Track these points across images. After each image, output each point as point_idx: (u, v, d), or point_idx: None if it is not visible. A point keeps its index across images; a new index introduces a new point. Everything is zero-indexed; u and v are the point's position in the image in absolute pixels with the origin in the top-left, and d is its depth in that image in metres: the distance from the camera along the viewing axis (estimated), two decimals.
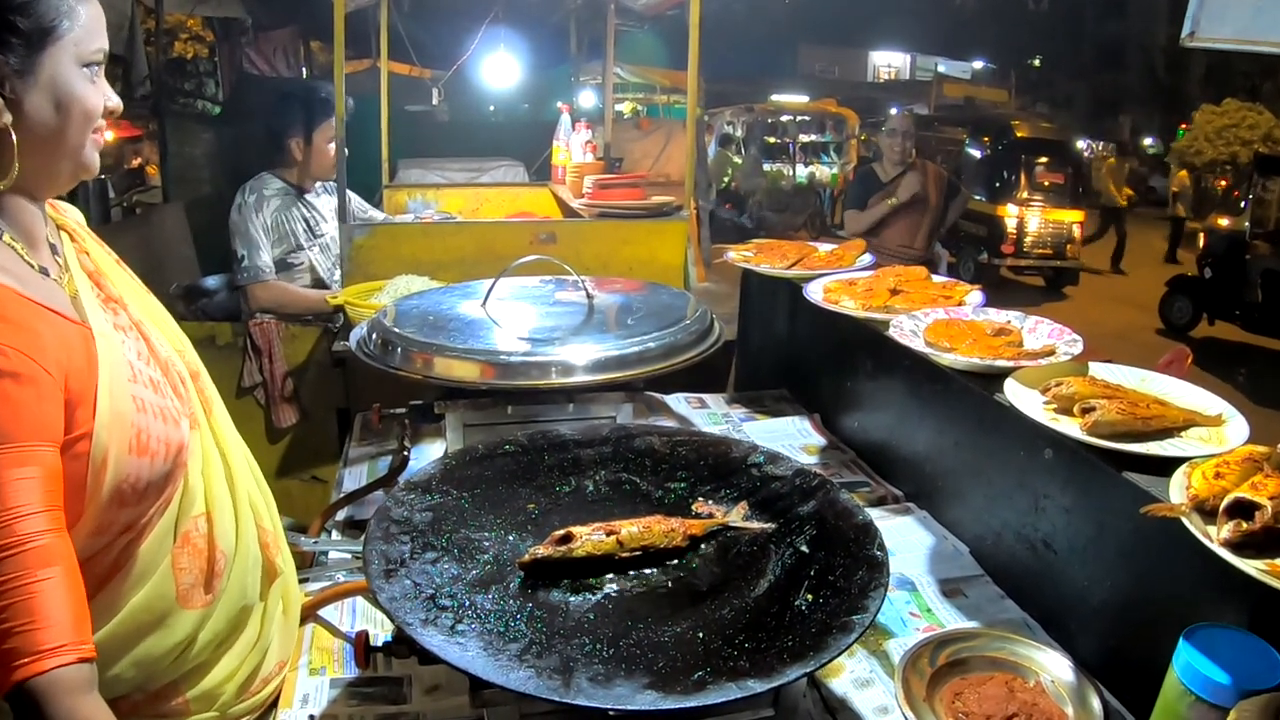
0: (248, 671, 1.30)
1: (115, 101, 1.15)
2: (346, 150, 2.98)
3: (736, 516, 1.35)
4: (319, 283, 3.28)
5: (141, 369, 1.14)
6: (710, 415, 2.50)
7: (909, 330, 1.83)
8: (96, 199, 5.88)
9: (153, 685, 1.19)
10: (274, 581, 1.36)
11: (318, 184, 3.36)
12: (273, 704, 1.37)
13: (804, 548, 1.25)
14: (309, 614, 1.52)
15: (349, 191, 3.40)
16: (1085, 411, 1.39)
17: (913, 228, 5.09)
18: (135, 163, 9.31)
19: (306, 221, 3.27)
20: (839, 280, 2.21)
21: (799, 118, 16.98)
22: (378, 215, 3.62)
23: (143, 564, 1.13)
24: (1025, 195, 12.25)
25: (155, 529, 1.14)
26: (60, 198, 1.29)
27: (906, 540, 1.81)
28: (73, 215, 1.29)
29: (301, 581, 1.64)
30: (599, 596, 1.17)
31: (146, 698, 1.19)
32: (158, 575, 1.15)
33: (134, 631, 1.14)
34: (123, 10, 5.15)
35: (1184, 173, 15.98)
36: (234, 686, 1.28)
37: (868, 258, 2.46)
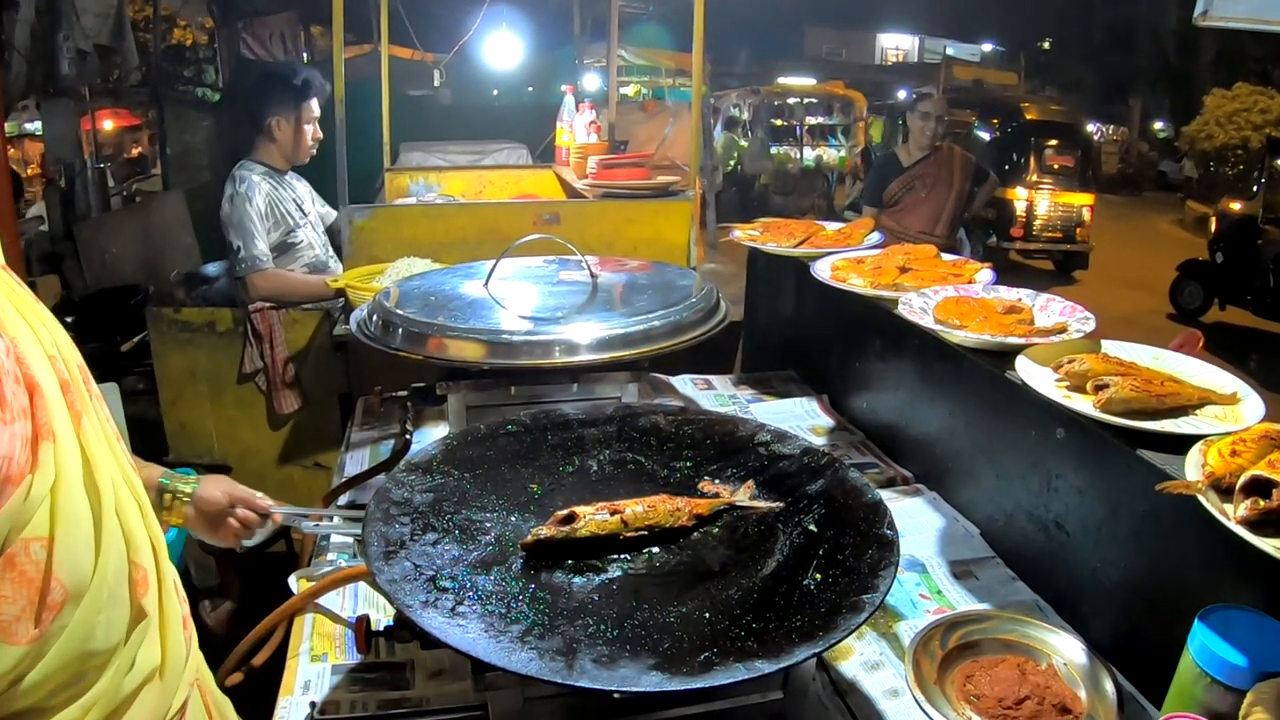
0: None
1: None
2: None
3: (743, 495, 1.32)
4: (316, 259, 3.29)
5: None
6: (717, 396, 2.48)
7: (918, 308, 1.80)
8: (96, 188, 5.86)
9: None
10: (137, 626, 1.16)
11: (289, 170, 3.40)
12: None
13: (812, 527, 1.23)
14: (309, 601, 1.51)
15: (304, 182, 3.40)
16: (1098, 389, 1.36)
17: (935, 213, 5.00)
18: (136, 151, 9.29)
19: (295, 200, 3.32)
20: (847, 258, 2.18)
21: (806, 100, 16.87)
22: (330, 213, 3.53)
23: None
24: (1034, 178, 12.19)
25: None
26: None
27: (916, 522, 1.79)
28: None
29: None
30: (603, 577, 1.15)
31: None
32: None
33: None
34: (109, 0, 5.12)
35: None
36: None
37: (876, 236, 2.43)
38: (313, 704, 1.31)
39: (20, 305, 1.14)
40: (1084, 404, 1.37)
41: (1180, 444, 1.25)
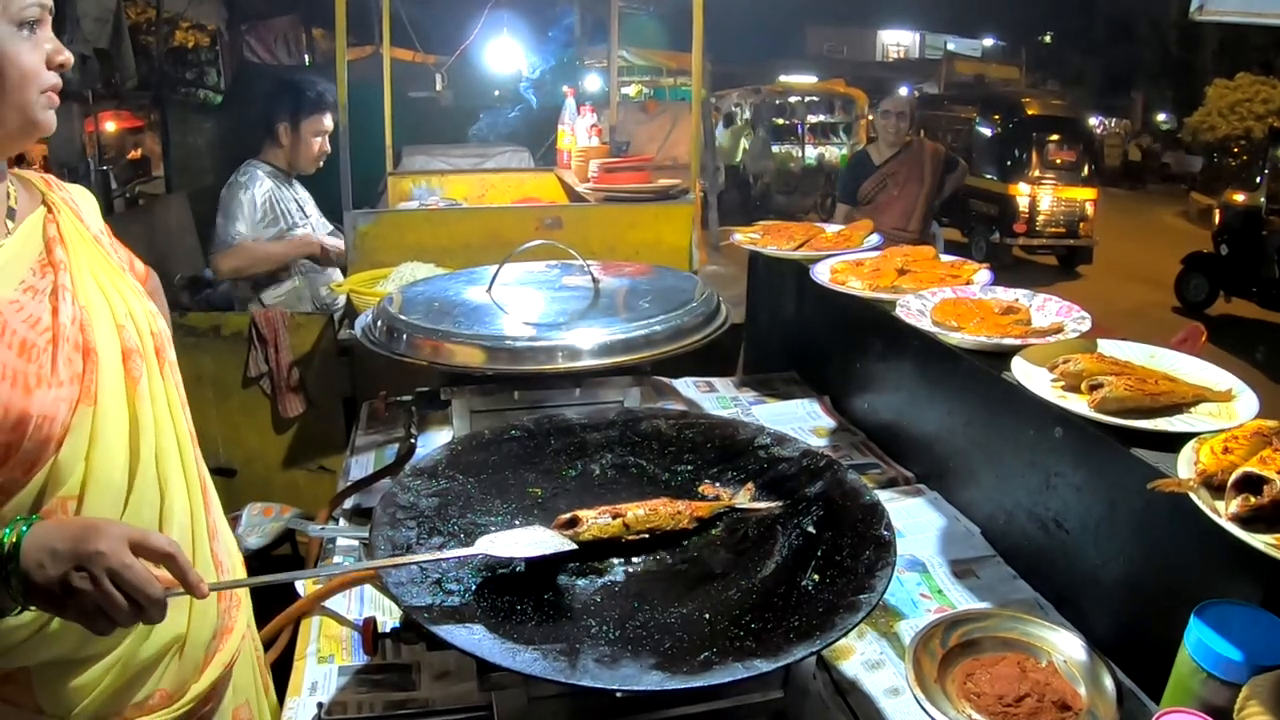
0: (110, 690, 1.18)
1: (64, 56, 1.12)
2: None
3: (743, 498, 1.34)
4: (317, 262, 3.32)
5: (18, 329, 1.08)
6: (719, 399, 2.49)
7: (916, 310, 1.81)
8: (99, 191, 5.89)
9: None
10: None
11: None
12: None
13: (811, 528, 1.25)
14: (316, 604, 1.53)
15: (307, 192, 3.42)
16: (1093, 388, 1.37)
17: (906, 209, 5.00)
18: (138, 153, 9.31)
19: (297, 202, 3.34)
20: (846, 261, 2.19)
21: (807, 99, 16.85)
22: (326, 225, 3.54)
23: None
24: (1037, 173, 12.19)
25: (11, 502, 1.07)
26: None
27: (917, 521, 1.80)
28: (74, 193, 1.28)
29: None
30: (605, 579, 1.17)
31: None
32: None
33: None
34: (107, 4, 5.14)
35: None
36: (94, 702, 1.17)
37: (875, 238, 2.44)
38: (320, 704, 1.32)
39: (105, 274, 1.23)
40: (1079, 404, 1.38)
41: (1174, 442, 1.26)
